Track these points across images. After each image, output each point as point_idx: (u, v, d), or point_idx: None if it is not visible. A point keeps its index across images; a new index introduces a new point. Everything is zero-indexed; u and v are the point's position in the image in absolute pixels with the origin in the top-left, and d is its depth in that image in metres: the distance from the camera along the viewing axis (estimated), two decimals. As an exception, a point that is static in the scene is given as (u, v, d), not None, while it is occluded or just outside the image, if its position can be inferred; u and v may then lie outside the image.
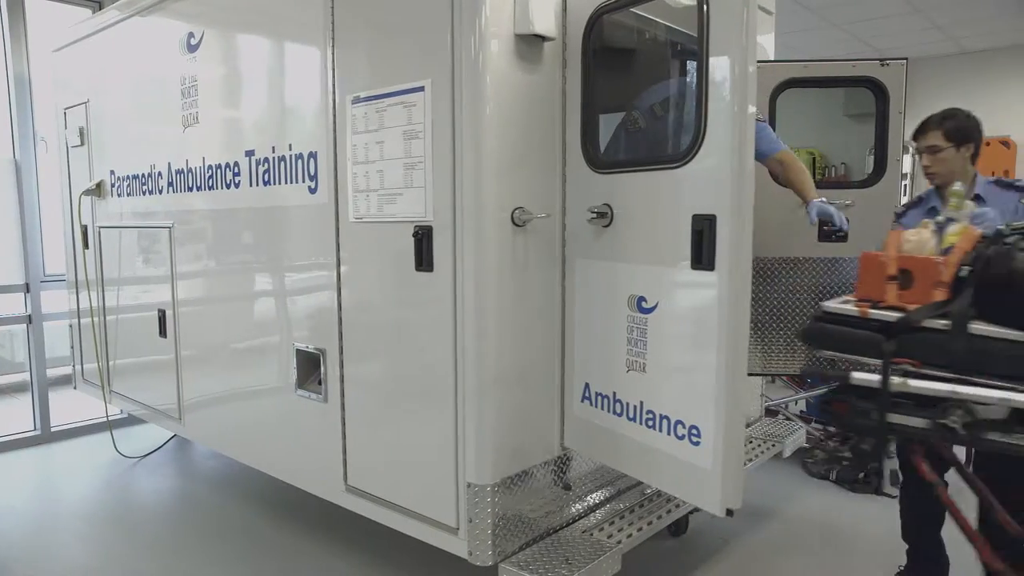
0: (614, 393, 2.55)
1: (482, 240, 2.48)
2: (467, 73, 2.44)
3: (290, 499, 3.74)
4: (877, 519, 3.97)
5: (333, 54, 2.90)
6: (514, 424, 2.65)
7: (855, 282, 2.36)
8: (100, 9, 5.03)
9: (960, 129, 2.91)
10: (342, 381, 3.04)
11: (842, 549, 3.63)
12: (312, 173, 3.07)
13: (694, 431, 2.24)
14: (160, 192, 3.98)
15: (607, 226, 2.52)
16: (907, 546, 3.19)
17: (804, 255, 3.84)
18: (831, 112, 8.36)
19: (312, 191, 3.08)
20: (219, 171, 3.55)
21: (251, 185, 3.38)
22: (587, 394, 2.68)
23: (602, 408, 2.61)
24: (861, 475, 4.48)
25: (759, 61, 3.74)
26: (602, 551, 2.66)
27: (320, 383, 3.14)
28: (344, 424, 3.05)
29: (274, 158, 3.24)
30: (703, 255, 2.14)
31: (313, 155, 3.05)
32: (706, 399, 2.17)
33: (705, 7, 2.10)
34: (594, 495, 3.01)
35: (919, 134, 3.00)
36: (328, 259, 3.03)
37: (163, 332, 4.10)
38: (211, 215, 3.68)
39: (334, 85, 2.91)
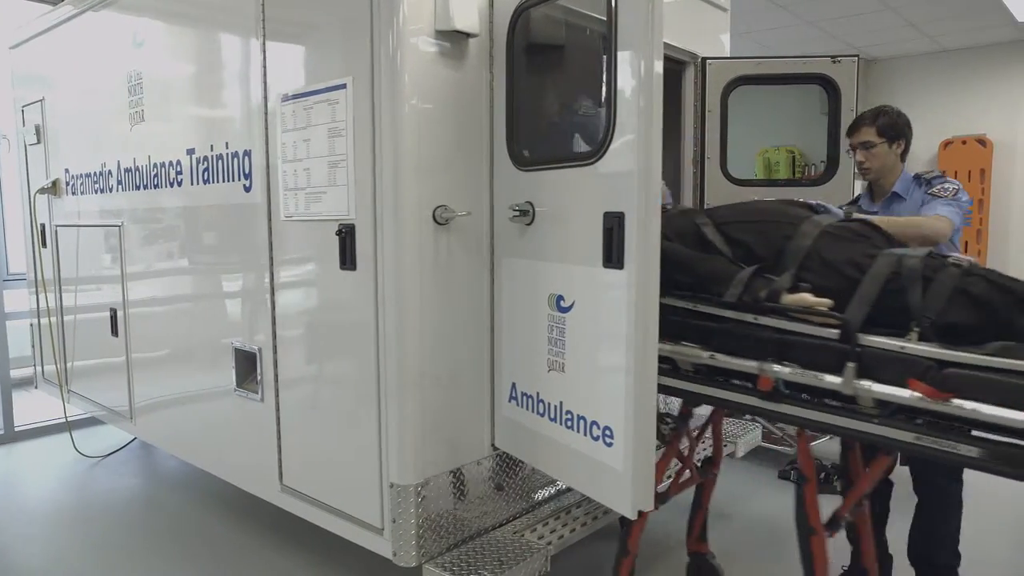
0: (537, 393, 2.53)
1: (401, 238, 2.46)
2: (385, 70, 2.42)
3: (245, 500, 3.71)
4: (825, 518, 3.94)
5: (264, 52, 2.88)
6: (440, 424, 2.63)
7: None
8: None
9: (892, 125, 2.92)
10: (276, 380, 3.02)
11: (792, 549, 3.60)
12: (247, 172, 3.05)
13: (607, 432, 2.22)
14: (110, 190, 3.97)
15: (529, 224, 2.50)
16: (852, 547, 3.17)
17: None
18: (810, 110, 8.32)
19: (247, 190, 3.06)
20: (163, 169, 3.54)
21: (192, 184, 3.37)
22: (514, 394, 2.66)
23: (527, 408, 2.59)
24: (822, 475, 4.45)
25: (711, 58, 3.78)
26: (530, 552, 2.64)
27: (257, 382, 3.12)
28: (279, 424, 3.04)
29: (212, 156, 3.22)
30: (613, 253, 2.12)
31: (247, 153, 3.03)
32: (617, 400, 2.15)
33: (613, 1, 2.07)
34: (537, 495, 3.00)
35: (853, 130, 3.00)
36: (262, 258, 3.01)
37: (115, 331, 4.08)
38: (157, 214, 3.67)
39: (265, 83, 2.89)
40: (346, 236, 2.61)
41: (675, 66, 3.81)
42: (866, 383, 1.95)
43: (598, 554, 3.44)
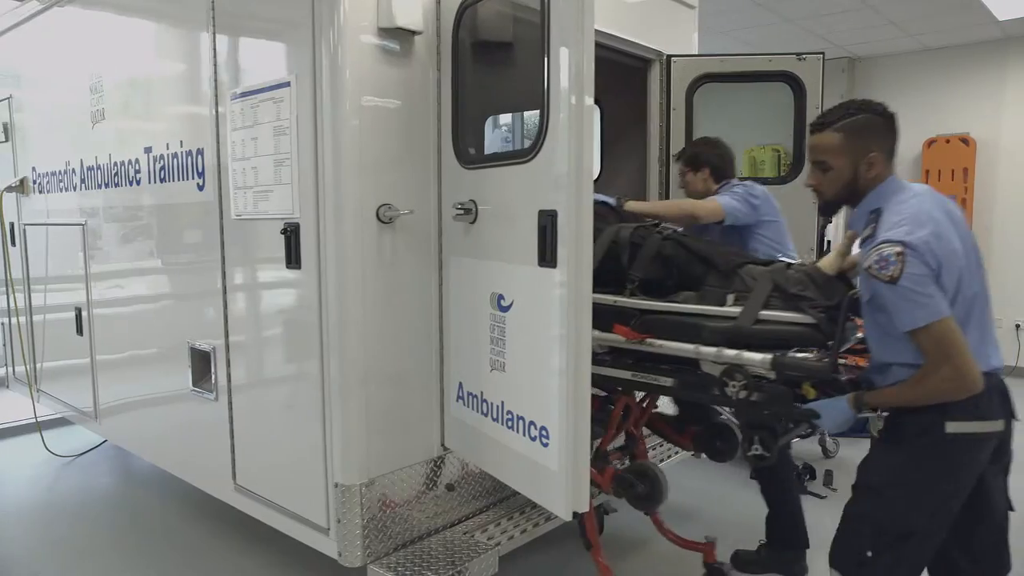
0: (481, 393, 2.52)
1: (343, 237, 2.44)
2: (327, 68, 2.41)
3: (212, 500, 3.70)
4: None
5: (215, 48, 2.87)
6: (387, 423, 2.61)
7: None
8: None
9: (694, 156, 3.31)
10: (229, 380, 3.01)
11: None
12: (200, 170, 3.04)
13: (544, 432, 2.20)
14: (74, 189, 3.96)
15: (473, 223, 2.48)
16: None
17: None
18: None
19: (200, 188, 3.04)
20: (123, 168, 3.53)
21: (150, 182, 3.36)
22: (461, 394, 2.65)
23: (472, 408, 2.58)
24: (794, 475, 4.43)
25: (676, 55, 3.76)
26: (478, 553, 2.63)
27: (211, 382, 3.11)
28: (232, 423, 3.03)
29: (168, 155, 3.21)
30: (547, 252, 2.10)
31: (200, 152, 3.02)
32: (552, 400, 2.13)
33: (546, -2, 2.05)
34: (491, 495, 2.98)
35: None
36: (214, 256, 3.00)
37: (80, 331, 4.07)
38: (118, 213, 3.66)
39: (216, 80, 2.88)
40: (291, 235, 2.59)
41: (640, 64, 3.79)
42: (596, 332, 2.33)
43: (569, 553, 3.43)
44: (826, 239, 7.81)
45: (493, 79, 2.55)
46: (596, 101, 4.72)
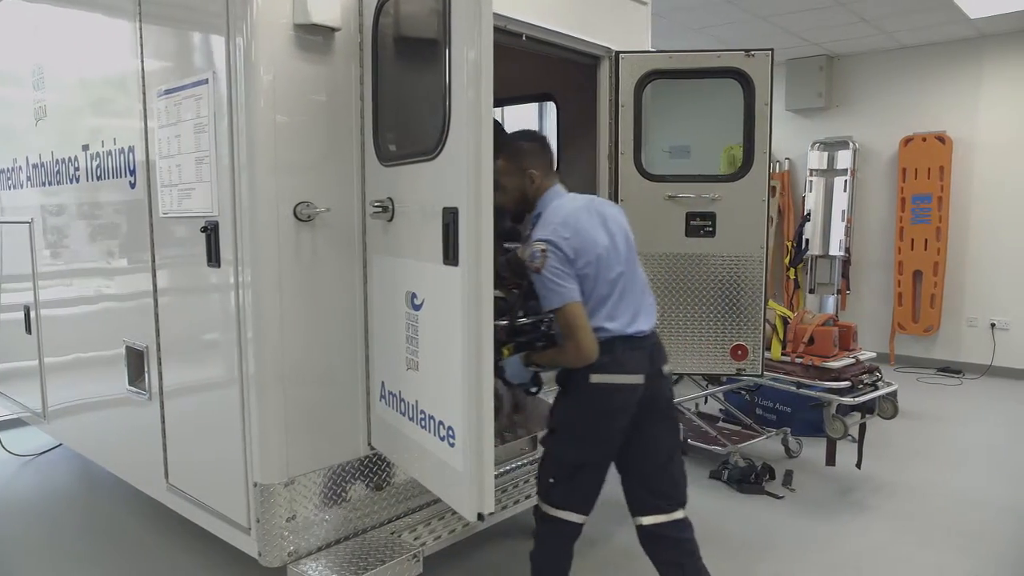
0: (400, 392, 2.50)
1: (259, 235, 2.43)
2: (242, 65, 2.39)
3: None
4: (747, 518, 3.91)
5: (142, 47, 2.85)
6: (310, 422, 2.59)
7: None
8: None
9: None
10: (160, 377, 3.00)
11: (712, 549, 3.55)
12: (132, 168, 3.02)
13: (451, 432, 2.18)
14: (21, 187, 3.94)
15: (390, 220, 2.46)
16: None
17: (672, 251, 3.76)
18: (774, 107, 8.24)
19: (132, 186, 3.03)
20: (64, 165, 3.51)
21: (88, 180, 3.34)
22: (383, 393, 2.63)
23: (393, 407, 2.56)
24: (752, 476, 4.41)
25: (625, 52, 3.73)
26: (400, 552, 2.61)
27: (145, 381, 3.09)
28: (164, 422, 3.01)
29: (103, 152, 3.19)
30: (449, 249, 2.08)
31: (132, 149, 3.00)
32: (457, 399, 2.11)
33: (447, -6, 2.03)
34: (424, 495, 2.95)
35: None
36: (145, 255, 2.98)
37: (28, 329, 4.05)
38: (60, 211, 3.65)
39: (143, 78, 2.86)
40: (211, 233, 2.57)
41: (589, 61, 3.76)
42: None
43: (515, 553, 3.41)
44: (804, 237, 7.82)
45: (411, 76, 2.52)
46: (552, 98, 4.74)
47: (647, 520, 2.52)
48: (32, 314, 3.98)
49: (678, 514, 2.53)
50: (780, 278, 8.21)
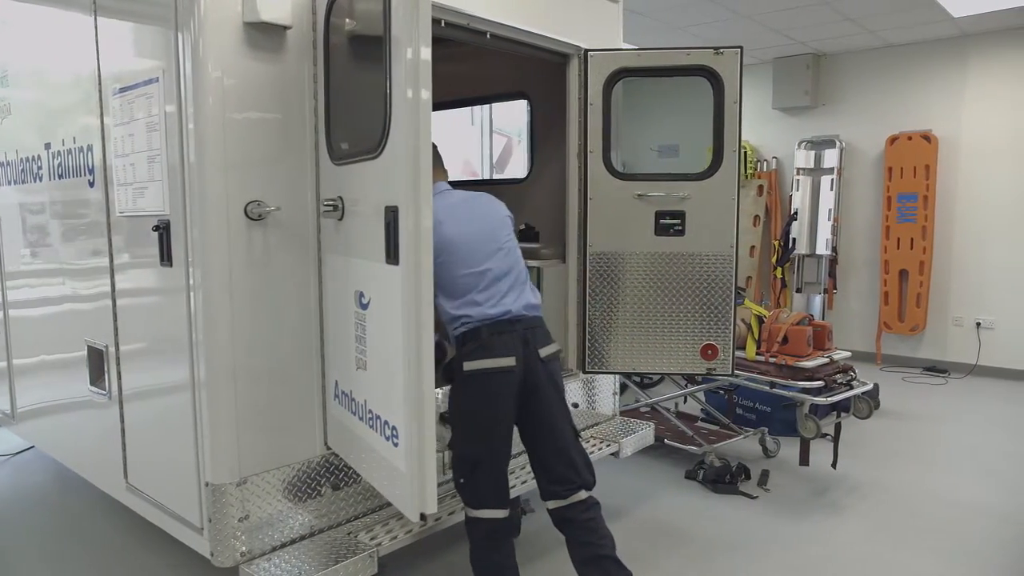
0: (351, 391, 2.49)
1: (208, 234, 2.41)
2: (190, 63, 2.37)
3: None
4: (719, 518, 3.90)
5: (97, 44, 2.84)
6: (263, 422, 2.58)
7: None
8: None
9: None
10: (119, 378, 2.99)
11: (686, 547, 3.53)
12: (91, 167, 3.01)
13: (395, 432, 2.17)
14: (-12, 186, 3.93)
15: (341, 219, 2.45)
16: None
17: (642, 250, 3.74)
18: (761, 105, 8.25)
19: (91, 185, 3.02)
20: (28, 164, 3.50)
21: (50, 179, 3.33)
22: (337, 392, 2.62)
23: (345, 407, 2.55)
24: (727, 476, 4.39)
25: (593, 50, 3.71)
26: (354, 553, 2.59)
27: (105, 380, 3.08)
28: (123, 421, 3.00)
29: (64, 151, 3.18)
30: (390, 248, 2.07)
31: (90, 148, 2.99)
32: (399, 399, 2.10)
33: (387, -9, 2.02)
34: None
35: None
36: (104, 254, 2.97)
37: (-2, 328, 4.05)
38: (25, 210, 3.64)
39: (100, 77, 2.85)
40: (163, 232, 2.56)
41: (558, 59, 3.74)
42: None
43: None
44: (791, 236, 7.81)
45: (360, 74, 2.51)
46: (526, 97, 4.72)
47: (550, 505, 2.63)
48: (0, 314, 3.98)
49: (579, 495, 2.60)
50: (767, 277, 8.20)
